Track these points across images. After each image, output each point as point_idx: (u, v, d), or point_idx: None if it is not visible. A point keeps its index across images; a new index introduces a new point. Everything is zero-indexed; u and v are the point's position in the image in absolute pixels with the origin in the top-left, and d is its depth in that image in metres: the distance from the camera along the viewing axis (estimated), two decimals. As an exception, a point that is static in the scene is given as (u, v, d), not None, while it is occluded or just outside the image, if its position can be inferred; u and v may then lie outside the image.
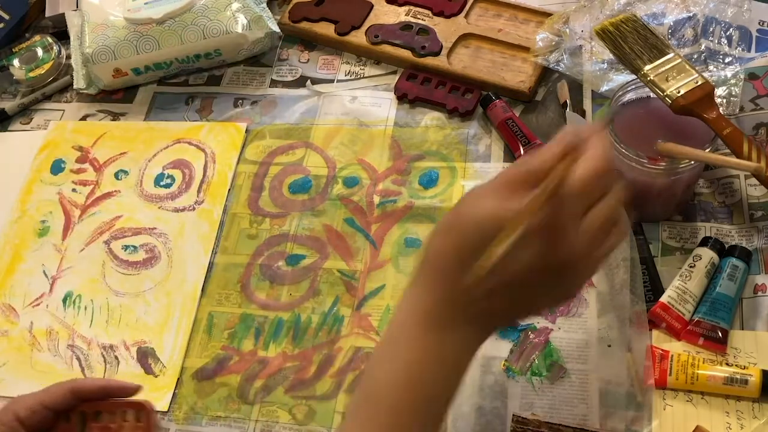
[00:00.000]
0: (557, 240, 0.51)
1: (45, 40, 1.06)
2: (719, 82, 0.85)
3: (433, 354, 0.54)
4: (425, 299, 0.55)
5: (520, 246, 0.50)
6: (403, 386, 0.54)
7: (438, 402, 0.55)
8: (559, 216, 0.50)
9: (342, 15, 1.00)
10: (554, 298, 0.57)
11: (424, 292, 0.55)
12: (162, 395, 0.77)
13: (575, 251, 0.52)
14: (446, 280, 0.54)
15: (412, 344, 0.55)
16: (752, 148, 0.73)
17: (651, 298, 0.74)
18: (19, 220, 0.92)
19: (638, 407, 0.69)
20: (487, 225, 0.51)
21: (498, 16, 0.98)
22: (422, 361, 0.54)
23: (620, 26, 0.80)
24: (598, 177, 0.51)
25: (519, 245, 0.50)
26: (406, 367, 0.54)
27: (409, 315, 0.56)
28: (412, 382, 0.54)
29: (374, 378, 0.57)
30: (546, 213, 0.50)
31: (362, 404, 0.57)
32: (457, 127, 0.91)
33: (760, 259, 0.75)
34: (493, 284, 0.52)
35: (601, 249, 0.54)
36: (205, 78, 1.02)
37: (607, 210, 0.53)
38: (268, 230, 0.87)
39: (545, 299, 0.56)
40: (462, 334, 0.55)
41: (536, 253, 0.51)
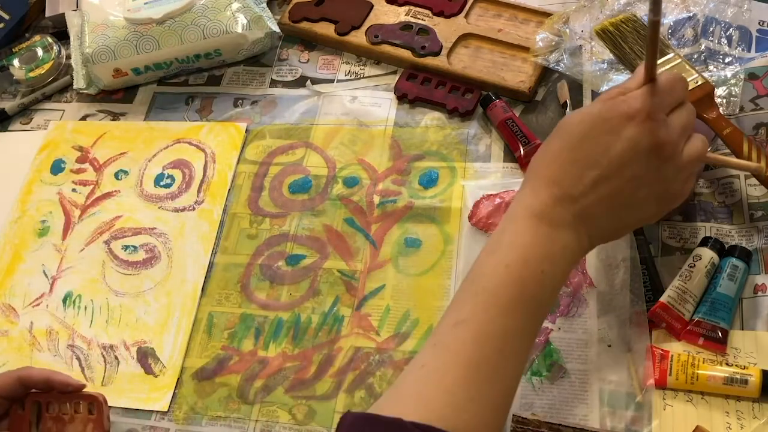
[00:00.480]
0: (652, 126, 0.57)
1: (45, 40, 1.06)
2: (719, 82, 0.85)
3: (542, 247, 0.57)
4: (535, 198, 0.58)
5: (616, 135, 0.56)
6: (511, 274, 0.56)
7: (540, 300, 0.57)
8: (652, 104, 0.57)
9: (342, 15, 1.00)
10: (657, 199, 0.60)
11: (533, 192, 0.58)
12: (162, 395, 0.77)
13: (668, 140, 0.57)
14: (555, 179, 0.58)
15: (522, 236, 0.57)
16: (752, 148, 0.73)
17: (651, 298, 0.74)
18: (19, 220, 0.92)
19: (638, 407, 0.69)
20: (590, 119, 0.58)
21: (498, 16, 0.98)
22: (531, 252, 0.56)
23: (620, 26, 0.80)
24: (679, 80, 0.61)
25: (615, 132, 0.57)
26: (516, 255, 0.56)
27: (519, 210, 0.58)
28: (519, 270, 0.56)
29: (482, 264, 0.58)
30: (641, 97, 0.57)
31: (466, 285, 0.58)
32: (457, 127, 0.91)
33: (760, 259, 0.75)
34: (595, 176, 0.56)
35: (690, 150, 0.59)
36: (205, 78, 1.02)
37: (686, 113, 0.60)
38: (268, 230, 0.87)
39: (649, 200, 0.60)
40: (570, 234, 0.57)
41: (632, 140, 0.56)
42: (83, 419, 0.72)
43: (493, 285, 0.56)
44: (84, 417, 0.72)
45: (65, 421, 0.72)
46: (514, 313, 0.56)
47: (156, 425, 0.76)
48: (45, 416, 0.73)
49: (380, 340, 0.77)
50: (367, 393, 0.74)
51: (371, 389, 0.74)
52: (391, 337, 0.77)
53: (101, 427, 0.72)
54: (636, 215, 0.62)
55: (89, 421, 0.72)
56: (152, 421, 0.76)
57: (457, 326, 0.55)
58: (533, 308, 0.57)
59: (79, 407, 0.73)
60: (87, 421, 0.72)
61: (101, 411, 0.72)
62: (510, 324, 0.55)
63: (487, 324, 0.55)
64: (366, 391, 0.74)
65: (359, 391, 0.75)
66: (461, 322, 0.55)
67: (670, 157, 0.58)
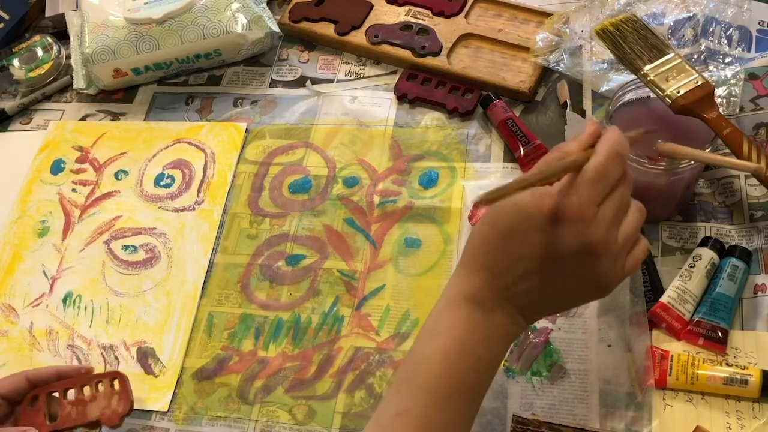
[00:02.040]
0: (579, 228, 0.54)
1: (45, 40, 1.06)
2: (719, 82, 0.85)
3: (477, 334, 0.57)
4: (468, 283, 0.58)
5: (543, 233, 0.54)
6: (449, 364, 0.56)
7: (477, 386, 0.58)
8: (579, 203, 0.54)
9: (342, 15, 1.00)
10: (586, 288, 0.58)
11: (466, 276, 0.58)
12: (162, 395, 0.77)
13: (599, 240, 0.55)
14: (486, 265, 0.57)
15: (457, 321, 0.57)
16: (752, 148, 0.73)
17: (651, 298, 0.74)
18: (19, 220, 0.92)
19: (638, 407, 0.69)
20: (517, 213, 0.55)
21: (498, 16, 0.98)
22: (467, 339, 0.57)
23: (620, 26, 0.80)
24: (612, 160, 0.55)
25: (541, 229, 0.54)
26: (453, 340, 0.57)
27: (455, 294, 0.58)
28: (456, 360, 0.56)
29: (420, 351, 0.59)
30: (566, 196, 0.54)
31: (407, 375, 0.58)
32: (457, 127, 0.91)
33: (760, 259, 0.75)
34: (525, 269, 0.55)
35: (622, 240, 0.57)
36: (205, 78, 1.02)
37: (619, 197, 0.56)
38: (268, 230, 0.87)
39: (577, 289, 0.58)
40: (504, 317, 0.57)
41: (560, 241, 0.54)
42: (107, 394, 0.73)
43: (432, 377, 0.57)
44: (107, 392, 0.74)
45: (86, 402, 0.73)
46: (453, 404, 0.57)
47: (156, 425, 0.76)
48: (63, 403, 0.73)
49: (380, 340, 0.77)
50: (367, 393, 0.74)
51: (371, 389, 0.74)
52: (391, 337, 0.77)
53: (127, 398, 0.73)
54: (572, 302, 0.62)
55: (113, 395, 0.73)
56: (152, 421, 0.76)
57: (399, 416, 0.56)
58: (472, 396, 0.58)
59: (99, 386, 0.74)
60: (111, 395, 0.73)
61: (125, 383, 0.73)
62: (450, 414, 0.57)
63: (427, 415, 0.56)
64: (366, 391, 0.74)
65: (359, 391, 0.75)
66: (403, 412, 0.56)
67: (602, 254, 0.55)
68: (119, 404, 0.73)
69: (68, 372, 0.74)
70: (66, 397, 0.74)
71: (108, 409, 0.73)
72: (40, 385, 0.73)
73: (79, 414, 0.73)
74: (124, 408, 0.73)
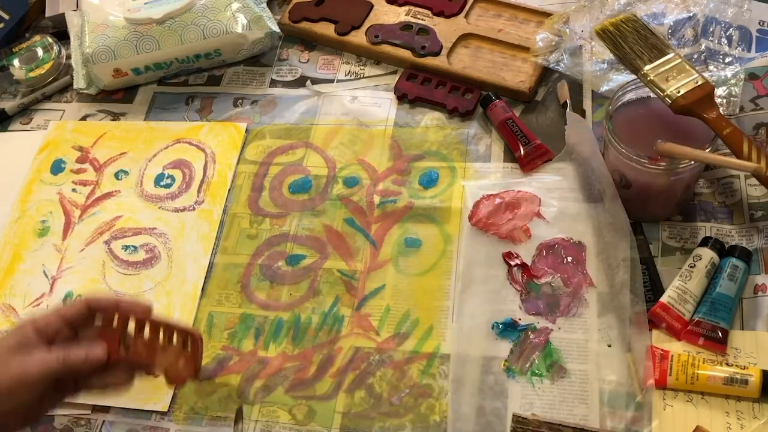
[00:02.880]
0: None
1: (45, 40, 1.06)
2: (719, 82, 0.85)
3: None
4: None
5: None
6: None
7: None
8: None
9: (342, 15, 1.00)
10: None
11: None
12: (162, 395, 0.77)
13: None
14: None
15: None
16: (752, 148, 0.73)
17: (651, 298, 0.74)
18: (19, 220, 0.92)
19: (638, 407, 0.69)
20: None
21: (498, 16, 0.98)
22: None
23: (620, 26, 0.80)
24: None
25: None
26: None
27: None
28: None
29: None
30: None
31: None
32: (457, 127, 0.91)
33: (760, 259, 0.75)
34: None
35: None
36: (205, 78, 1.02)
37: None
38: (268, 230, 0.87)
39: None
40: None
41: None
42: (176, 351, 0.70)
43: None
44: (177, 349, 0.70)
45: (156, 349, 0.70)
46: None
47: (156, 425, 0.76)
48: (137, 339, 0.69)
49: (380, 340, 0.77)
50: (367, 393, 0.74)
51: (371, 389, 0.74)
52: (391, 337, 0.77)
53: (193, 364, 0.70)
54: None
55: (182, 356, 0.70)
56: (152, 421, 0.76)
57: None
58: None
59: (173, 339, 0.70)
60: (180, 354, 0.70)
61: (196, 348, 0.70)
62: None
63: None
64: (366, 391, 0.74)
65: (359, 391, 0.75)
66: None
67: None
68: (185, 368, 0.70)
69: (128, 305, 0.70)
70: (141, 334, 0.70)
71: (174, 368, 0.70)
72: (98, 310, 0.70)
73: (148, 357, 0.70)
74: (188, 373, 0.70)
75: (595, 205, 0.80)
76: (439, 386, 0.74)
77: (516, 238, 0.80)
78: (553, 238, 0.80)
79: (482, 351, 0.74)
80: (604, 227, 0.78)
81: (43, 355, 0.64)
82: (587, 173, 0.81)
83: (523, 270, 0.78)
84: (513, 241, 0.80)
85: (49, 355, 0.65)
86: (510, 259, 0.79)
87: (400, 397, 0.74)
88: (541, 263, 0.78)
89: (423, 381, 0.74)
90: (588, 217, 0.80)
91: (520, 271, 0.78)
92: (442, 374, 0.74)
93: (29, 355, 0.64)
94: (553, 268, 0.78)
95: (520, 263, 0.79)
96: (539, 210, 0.81)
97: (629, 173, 0.75)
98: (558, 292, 0.76)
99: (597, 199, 0.80)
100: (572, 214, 0.81)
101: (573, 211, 0.81)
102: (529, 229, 0.80)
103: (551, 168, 0.85)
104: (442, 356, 0.75)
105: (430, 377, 0.74)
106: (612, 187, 0.78)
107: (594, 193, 0.80)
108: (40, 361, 0.64)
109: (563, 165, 0.84)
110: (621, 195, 0.77)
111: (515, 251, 0.79)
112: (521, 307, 0.76)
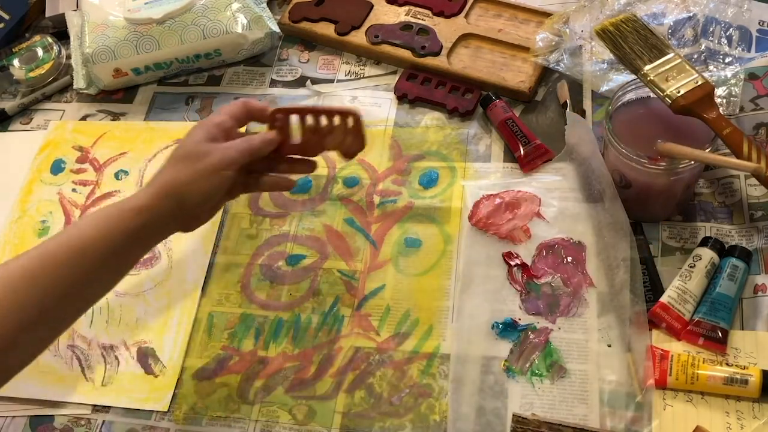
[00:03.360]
0: None
1: (45, 40, 1.06)
2: (719, 82, 0.85)
3: None
4: None
5: None
6: None
7: None
8: None
9: (342, 15, 1.00)
10: None
11: None
12: (162, 395, 0.77)
13: None
14: None
15: None
16: (752, 148, 0.73)
17: (651, 298, 0.74)
18: (19, 220, 0.92)
19: (638, 407, 0.69)
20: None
21: (498, 16, 0.98)
22: None
23: (620, 26, 0.80)
24: None
25: None
26: None
27: None
28: None
29: None
30: None
31: None
32: (457, 127, 0.91)
33: (760, 259, 0.75)
34: None
35: None
36: (205, 78, 1.02)
37: None
38: (268, 230, 0.87)
39: None
40: None
41: None
42: (342, 129, 0.74)
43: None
44: (342, 127, 0.74)
45: (324, 133, 0.74)
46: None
47: (156, 425, 0.76)
48: (304, 128, 0.74)
49: (380, 340, 0.77)
50: (367, 393, 0.74)
51: (371, 389, 0.74)
52: (391, 337, 0.77)
53: (361, 137, 0.74)
54: None
55: (348, 133, 0.74)
56: (152, 421, 0.76)
57: None
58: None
59: (334, 120, 0.74)
60: (346, 132, 0.74)
61: (358, 122, 0.73)
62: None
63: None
64: (366, 391, 0.74)
65: (359, 391, 0.75)
66: None
67: None
68: (354, 142, 0.74)
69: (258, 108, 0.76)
70: (305, 123, 0.74)
71: (343, 145, 0.74)
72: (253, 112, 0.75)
73: (317, 143, 0.74)
74: (359, 146, 0.74)
75: (595, 205, 0.80)
76: (439, 386, 0.74)
77: (516, 238, 0.80)
78: (553, 238, 0.80)
79: (482, 351, 0.74)
80: (604, 227, 0.78)
81: (232, 141, 0.72)
82: (587, 173, 0.81)
83: (523, 270, 0.78)
84: (513, 241, 0.80)
85: (236, 141, 0.72)
86: (510, 259, 0.79)
87: (400, 397, 0.74)
88: (541, 263, 0.78)
89: (423, 381, 0.74)
90: (588, 217, 0.80)
91: (520, 271, 0.78)
92: (442, 374, 0.74)
93: (221, 143, 0.71)
94: (553, 268, 0.78)
95: (520, 263, 0.79)
96: (539, 210, 0.81)
97: (629, 173, 0.75)
98: (558, 292, 0.76)
99: (597, 199, 0.80)
100: (572, 214, 0.81)
101: (573, 211, 0.81)
102: (529, 229, 0.81)
103: (551, 168, 0.85)
104: (442, 356, 0.75)
105: (430, 377, 0.74)
106: (612, 187, 0.78)
107: (594, 193, 0.80)
108: (233, 144, 0.71)
109: (563, 165, 0.84)
110: (621, 195, 0.77)
111: (515, 251, 0.79)
112: (521, 307, 0.76)
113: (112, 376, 0.79)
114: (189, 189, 0.69)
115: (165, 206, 0.68)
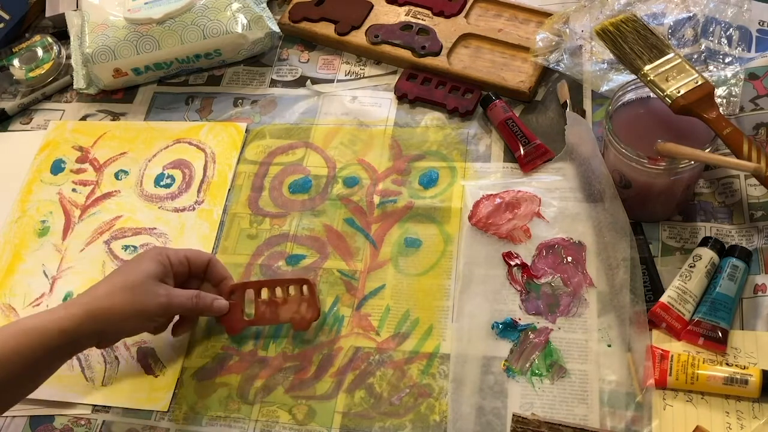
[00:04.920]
0: None
1: (45, 40, 1.06)
2: (719, 82, 0.85)
3: None
4: None
5: None
6: None
7: None
8: None
9: (342, 15, 1.00)
10: None
11: None
12: (162, 395, 0.77)
13: None
14: None
15: None
16: (752, 148, 0.73)
17: (651, 298, 0.74)
18: (19, 220, 0.92)
19: (638, 407, 0.69)
20: None
21: (498, 16, 0.98)
22: None
23: (620, 26, 0.80)
24: None
25: None
26: None
27: None
28: None
29: None
30: None
31: None
32: (457, 127, 0.91)
33: (760, 259, 0.75)
34: None
35: None
36: (205, 78, 1.02)
37: None
38: (268, 230, 0.87)
39: None
40: None
41: None
42: (296, 300, 0.77)
43: None
44: (296, 298, 0.77)
45: (278, 304, 0.77)
46: None
47: (156, 425, 0.76)
48: (257, 302, 0.78)
49: (380, 340, 0.77)
50: (367, 393, 0.74)
51: (371, 389, 0.74)
52: (391, 337, 0.77)
53: (315, 305, 0.76)
54: None
55: (302, 302, 0.77)
56: (152, 421, 0.76)
57: None
58: None
59: (289, 290, 0.78)
60: (300, 301, 0.77)
61: (313, 292, 0.76)
62: None
63: None
64: (366, 391, 0.74)
65: (359, 391, 0.75)
66: None
67: None
68: (308, 311, 0.76)
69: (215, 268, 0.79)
70: (260, 296, 0.78)
71: (297, 314, 0.77)
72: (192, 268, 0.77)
73: (272, 315, 0.78)
74: (313, 314, 0.76)
75: (595, 205, 0.80)
76: (439, 386, 0.74)
77: (516, 238, 0.80)
78: (553, 238, 0.80)
79: (482, 351, 0.74)
80: (604, 227, 0.78)
81: (183, 291, 0.74)
82: (587, 173, 0.81)
83: (523, 270, 0.78)
84: (513, 241, 0.80)
85: (187, 293, 0.74)
86: (510, 259, 0.79)
87: (400, 396, 0.74)
88: (541, 263, 0.78)
89: (423, 381, 0.74)
90: (588, 217, 0.80)
91: (520, 271, 0.78)
92: (442, 374, 0.74)
93: (171, 288, 0.73)
94: (552, 268, 0.78)
95: (520, 263, 0.79)
96: (539, 210, 0.81)
97: (629, 173, 0.75)
98: (558, 292, 0.76)
99: (597, 199, 0.80)
100: (572, 214, 0.81)
101: (573, 211, 0.81)
102: (529, 229, 0.81)
103: (551, 168, 0.85)
104: (442, 356, 0.75)
105: (430, 377, 0.74)
106: (612, 187, 0.78)
107: (594, 193, 0.80)
108: (182, 296, 0.73)
109: (563, 165, 0.84)
110: (621, 195, 0.77)
111: (515, 251, 0.79)
112: (521, 307, 0.76)
113: (112, 376, 0.79)
114: (119, 323, 0.71)
115: (90, 330, 0.69)
